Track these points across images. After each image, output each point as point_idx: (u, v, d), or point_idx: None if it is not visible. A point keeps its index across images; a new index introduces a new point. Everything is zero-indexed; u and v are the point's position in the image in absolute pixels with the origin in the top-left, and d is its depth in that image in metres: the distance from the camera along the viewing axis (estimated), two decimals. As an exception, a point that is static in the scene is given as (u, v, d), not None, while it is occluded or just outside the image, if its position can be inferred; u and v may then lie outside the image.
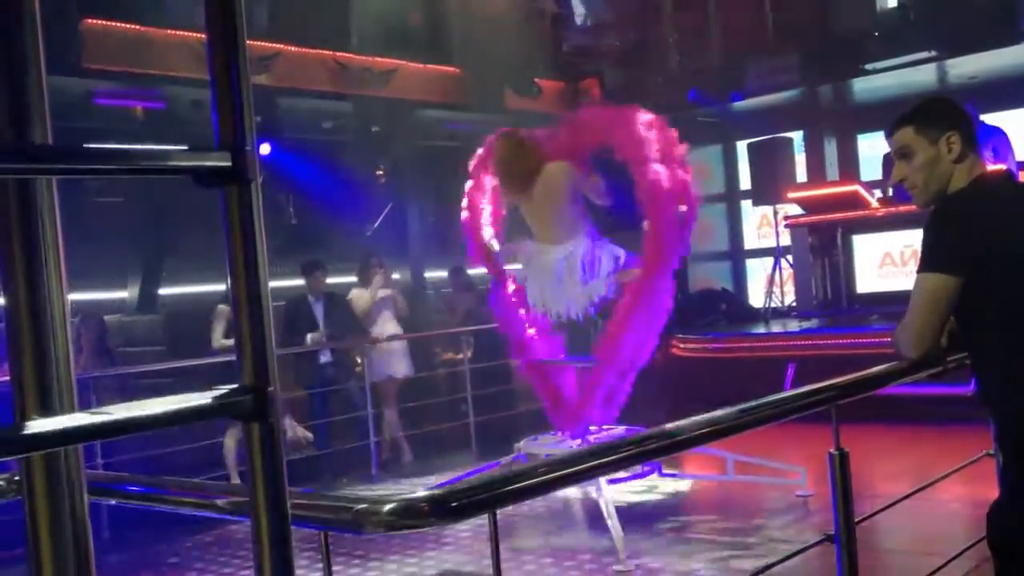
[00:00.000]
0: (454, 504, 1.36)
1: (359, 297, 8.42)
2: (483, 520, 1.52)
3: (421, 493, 1.35)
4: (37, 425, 0.89)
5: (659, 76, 11.72)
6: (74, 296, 1.00)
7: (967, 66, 10.15)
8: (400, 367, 8.52)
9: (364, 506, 1.35)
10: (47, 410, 0.98)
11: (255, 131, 1.05)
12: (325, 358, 8.21)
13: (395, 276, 9.51)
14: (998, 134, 8.76)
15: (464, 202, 6.45)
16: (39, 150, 0.97)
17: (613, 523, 5.12)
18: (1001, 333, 2.44)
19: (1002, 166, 8.25)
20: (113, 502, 1.66)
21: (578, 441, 5.90)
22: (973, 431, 2.77)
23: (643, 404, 6.33)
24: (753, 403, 2.02)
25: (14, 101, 0.99)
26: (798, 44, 10.72)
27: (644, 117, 5.75)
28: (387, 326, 8.52)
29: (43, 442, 0.89)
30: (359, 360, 8.75)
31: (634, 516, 5.83)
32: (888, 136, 2.67)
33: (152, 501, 1.64)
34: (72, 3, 7.97)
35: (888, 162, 10.17)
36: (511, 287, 6.31)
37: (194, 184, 1.05)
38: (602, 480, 5.23)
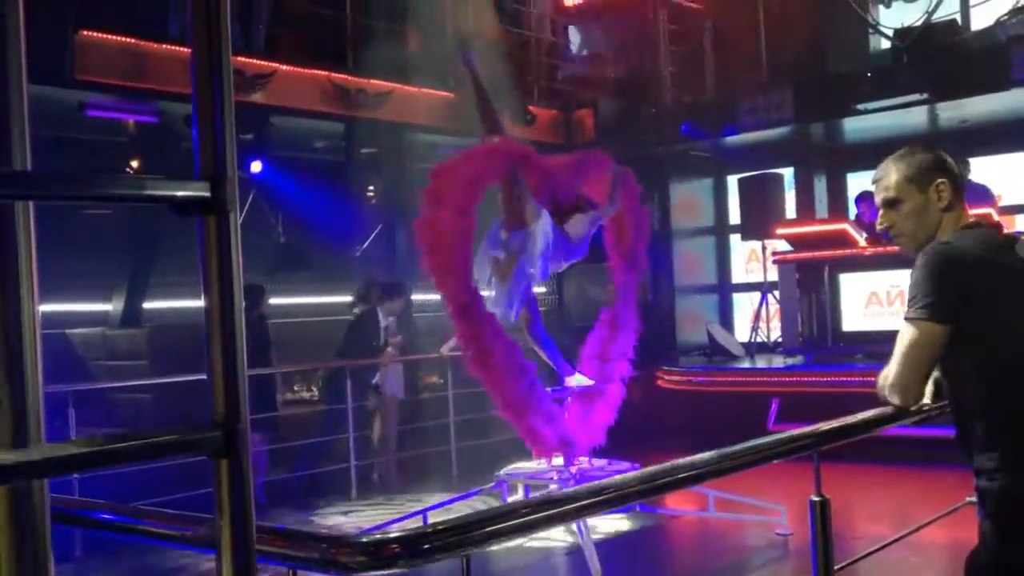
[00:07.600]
0: (426, 546, 1.33)
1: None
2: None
3: (394, 533, 1.32)
4: (1, 457, 0.87)
5: (653, 108, 11.76)
6: (57, 308, 0.98)
7: (958, 110, 10.23)
8: (400, 388, 8.63)
9: (334, 546, 1.32)
10: (16, 437, 0.96)
11: (235, 159, 1.03)
12: (375, 378, 8.48)
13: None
14: (982, 191, 8.88)
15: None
16: (17, 176, 0.95)
17: (592, 558, 5.08)
18: (981, 384, 2.42)
19: (989, 211, 8.32)
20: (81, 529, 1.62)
21: (557, 469, 5.86)
22: (955, 474, 2.76)
23: (627, 435, 6.29)
24: (735, 448, 2.00)
25: (-7, 122, 0.96)
26: (791, 82, 10.78)
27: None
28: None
29: (5, 476, 0.87)
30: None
31: (613, 550, 5.79)
32: (874, 182, 2.65)
33: (120, 530, 1.61)
34: (69, 14, 7.93)
35: (860, 200, 10.24)
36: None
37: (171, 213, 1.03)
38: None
